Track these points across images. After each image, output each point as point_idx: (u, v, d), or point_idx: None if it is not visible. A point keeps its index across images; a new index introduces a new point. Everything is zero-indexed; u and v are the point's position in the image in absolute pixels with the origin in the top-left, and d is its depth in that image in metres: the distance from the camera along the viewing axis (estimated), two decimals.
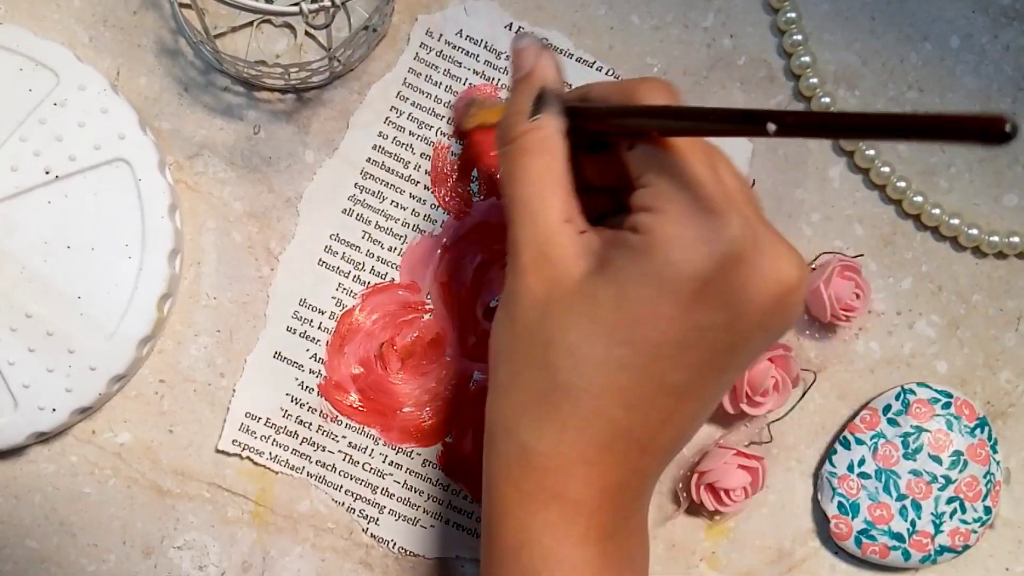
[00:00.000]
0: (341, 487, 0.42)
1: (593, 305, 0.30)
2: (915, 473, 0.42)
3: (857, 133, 0.26)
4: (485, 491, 0.33)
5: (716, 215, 0.29)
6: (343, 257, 0.42)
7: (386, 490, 0.42)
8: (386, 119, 0.42)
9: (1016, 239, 0.43)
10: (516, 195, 0.33)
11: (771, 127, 0.26)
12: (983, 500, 0.42)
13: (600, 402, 0.30)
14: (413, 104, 0.42)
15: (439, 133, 0.42)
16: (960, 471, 0.42)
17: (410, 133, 0.42)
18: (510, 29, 0.42)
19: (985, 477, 0.42)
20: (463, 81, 0.42)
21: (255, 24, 0.42)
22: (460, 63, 0.42)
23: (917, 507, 0.42)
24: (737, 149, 0.42)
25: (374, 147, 0.42)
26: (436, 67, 0.42)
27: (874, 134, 0.24)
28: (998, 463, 0.42)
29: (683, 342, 0.30)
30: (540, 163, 0.32)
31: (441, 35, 0.42)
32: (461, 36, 0.42)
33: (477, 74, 0.42)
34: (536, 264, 0.32)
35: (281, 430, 0.41)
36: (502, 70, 0.42)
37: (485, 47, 0.42)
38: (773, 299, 0.29)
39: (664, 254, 0.29)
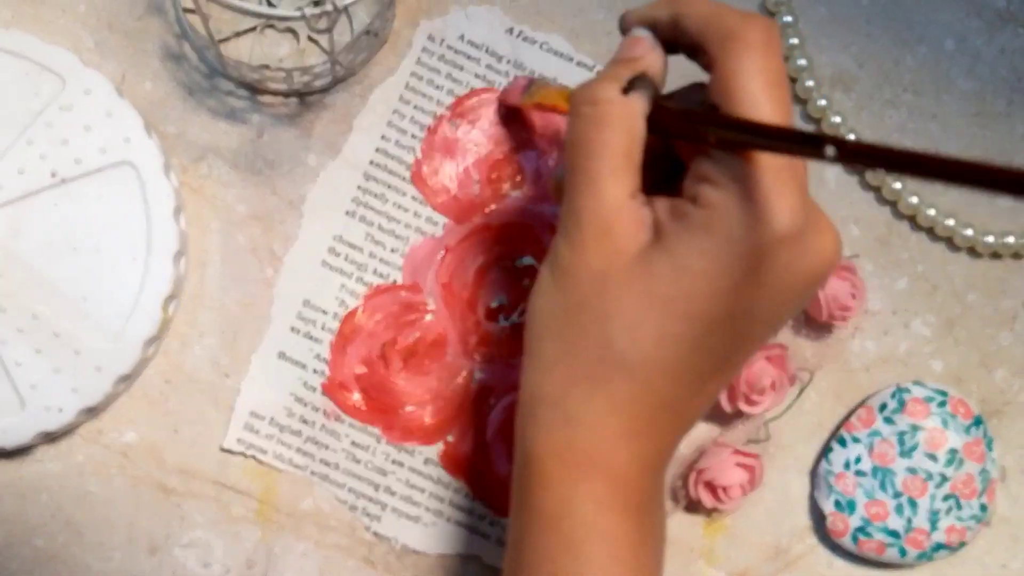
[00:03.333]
0: (344, 485, 0.42)
1: (651, 279, 0.30)
2: (911, 471, 0.42)
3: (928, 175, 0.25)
4: (520, 462, 0.33)
5: (779, 195, 0.29)
6: (346, 258, 0.42)
7: (388, 488, 0.42)
8: (388, 122, 0.42)
9: (1011, 239, 0.43)
10: (587, 167, 0.31)
11: (829, 151, 0.26)
12: (979, 497, 0.42)
13: (652, 376, 0.31)
14: (415, 107, 0.42)
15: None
16: (956, 469, 0.42)
17: (412, 136, 0.42)
18: (511, 33, 0.42)
19: (981, 475, 0.42)
20: (465, 85, 0.42)
21: (258, 29, 0.42)
22: (462, 67, 0.42)
23: (913, 504, 0.42)
24: None
25: (377, 150, 0.42)
26: (438, 71, 0.42)
27: (946, 178, 0.24)
28: (994, 461, 0.43)
29: (731, 315, 0.30)
30: (619, 138, 0.31)
31: (443, 40, 0.42)
32: (463, 41, 0.42)
33: (479, 78, 0.42)
34: (597, 239, 0.31)
35: (285, 429, 0.42)
36: (504, 74, 0.42)
37: (487, 51, 0.42)
38: (814, 276, 0.30)
39: (726, 231, 0.29)
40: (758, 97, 0.29)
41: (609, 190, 0.31)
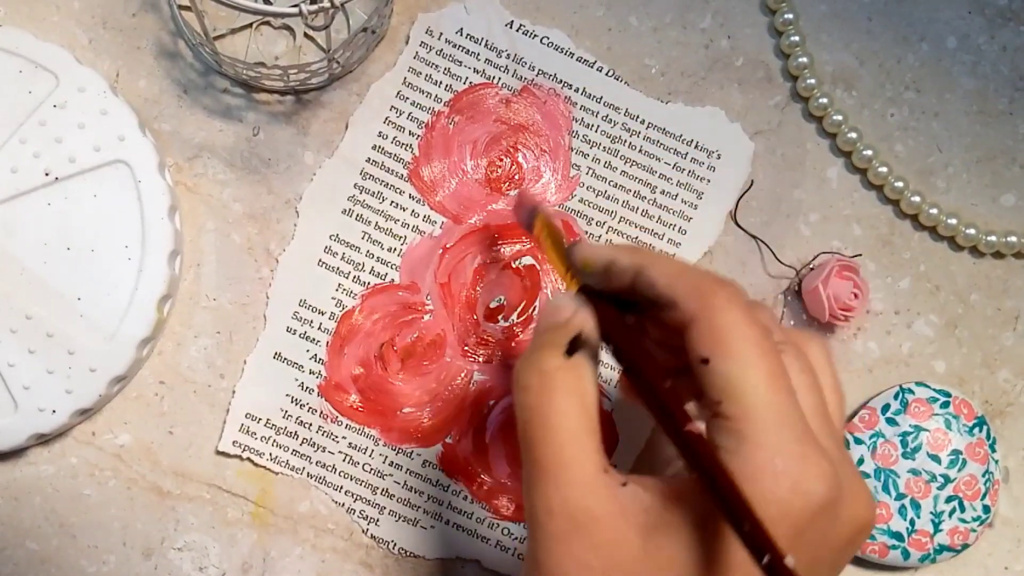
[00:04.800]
0: (341, 488, 0.42)
1: (673, 567, 0.26)
2: (914, 472, 0.42)
3: None
4: None
5: (812, 454, 0.26)
6: (343, 258, 0.42)
7: (386, 491, 0.42)
8: (386, 119, 0.42)
9: (1013, 239, 0.43)
10: (545, 440, 0.28)
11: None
12: (982, 499, 0.42)
13: None
14: (413, 104, 0.42)
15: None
16: (959, 470, 0.42)
17: (410, 133, 0.42)
18: (511, 27, 0.42)
19: (984, 476, 0.42)
20: (464, 80, 0.42)
21: (254, 26, 0.42)
22: (460, 62, 0.42)
23: (916, 506, 0.42)
24: (737, 149, 0.42)
25: (374, 147, 0.42)
26: (436, 66, 0.42)
27: None
28: (996, 462, 0.42)
29: None
30: (575, 404, 0.28)
31: (441, 34, 0.42)
32: (461, 35, 0.42)
33: (478, 73, 0.42)
34: (579, 528, 0.27)
35: (281, 431, 0.41)
36: (502, 68, 0.42)
37: (486, 46, 0.42)
38: (849, 542, 0.28)
39: (762, 494, 0.25)
40: (749, 357, 0.27)
41: (575, 465, 0.27)
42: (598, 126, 0.42)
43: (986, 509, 0.42)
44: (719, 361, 0.27)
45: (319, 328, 0.41)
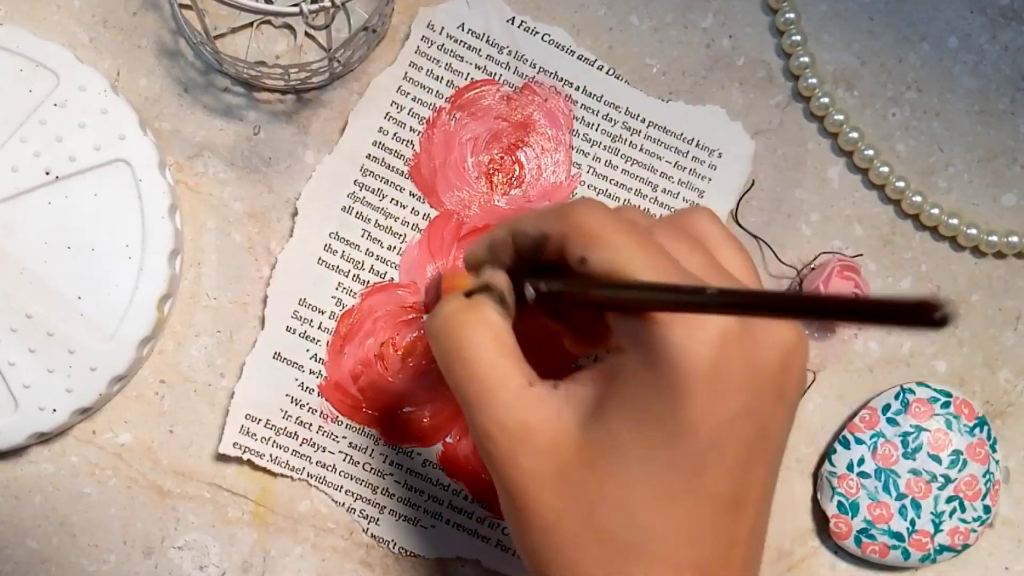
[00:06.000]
0: (341, 487, 0.42)
1: (615, 448, 0.28)
2: (914, 472, 0.42)
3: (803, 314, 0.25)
4: None
5: None
6: (343, 256, 0.42)
7: (386, 490, 0.42)
8: (386, 115, 0.42)
9: (1015, 239, 0.43)
10: (466, 376, 0.30)
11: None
12: (982, 499, 0.42)
13: (666, 549, 0.28)
14: (414, 99, 0.42)
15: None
16: (959, 470, 0.42)
17: (411, 129, 0.42)
18: (512, 24, 0.42)
19: (984, 476, 0.42)
20: (465, 76, 0.42)
21: (255, 25, 0.42)
22: (462, 57, 0.42)
23: (917, 506, 0.42)
24: (738, 149, 0.42)
25: (374, 143, 0.42)
26: (437, 61, 0.42)
27: (811, 315, 0.23)
28: (997, 462, 0.42)
29: (717, 443, 0.27)
30: (483, 334, 0.30)
31: (442, 29, 0.42)
32: (463, 30, 0.42)
33: (479, 68, 0.42)
34: (519, 442, 0.29)
35: (281, 431, 0.41)
36: (504, 65, 0.42)
37: (487, 41, 0.42)
38: (780, 365, 0.28)
39: (665, 359, 0.27)
40: (618, 239, 0.29)
41: (499, 388, 0.29)
42: (599, 125, 0.42)
43: (987, 509, 0.42)
44: (593, 253, 0.29)
45: (319, 327, 0.41)
